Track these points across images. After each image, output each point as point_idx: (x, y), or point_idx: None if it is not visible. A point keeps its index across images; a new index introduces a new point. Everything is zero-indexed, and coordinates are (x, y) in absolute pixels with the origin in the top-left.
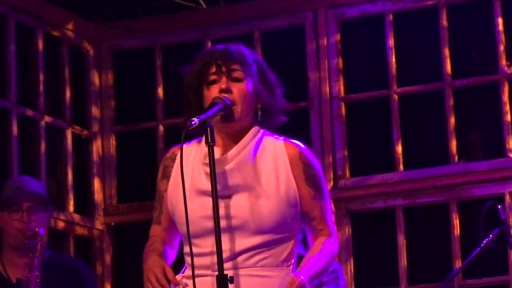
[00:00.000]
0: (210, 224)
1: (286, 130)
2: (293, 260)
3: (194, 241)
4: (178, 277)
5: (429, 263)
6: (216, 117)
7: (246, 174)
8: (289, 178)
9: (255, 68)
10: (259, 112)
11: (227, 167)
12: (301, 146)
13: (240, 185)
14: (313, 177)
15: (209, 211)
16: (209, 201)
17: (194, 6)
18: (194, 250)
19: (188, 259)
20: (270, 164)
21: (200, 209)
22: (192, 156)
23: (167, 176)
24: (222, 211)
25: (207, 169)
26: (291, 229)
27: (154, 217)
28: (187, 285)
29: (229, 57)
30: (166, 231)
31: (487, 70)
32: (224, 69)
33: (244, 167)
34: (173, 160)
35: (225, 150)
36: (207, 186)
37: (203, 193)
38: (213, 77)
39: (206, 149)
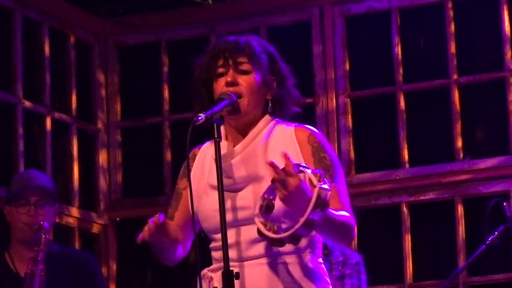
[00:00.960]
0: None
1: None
2: (317, 246)
3: (213, 236)
4: (204, 271)
5: (434, 260)
6: (224, 111)
7: (254, 165)
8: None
9: (265, 60)
10: (270, 104)
11: (233, 161)
12: (311, 129)
13: (247, 177)
14: (322, 159)
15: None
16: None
17: (200, 2)
18: (214, 244)
19: (213, 253)
20: (280, 151)
21: (213, 203)
22: (210, 153)
23: (186, 176)
24: (231, 205)
25: (224, 169)
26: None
27: (169, 213)
28: (212, 278)
29: (236, 49)
30: (178, 227)
31: (493, 67)
32: (231, 61)
33: (252, 159)
34: (193, 159)
35: (235, 143)
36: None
37: (215, 187)
38: (220, 70)
39: (225, 149)
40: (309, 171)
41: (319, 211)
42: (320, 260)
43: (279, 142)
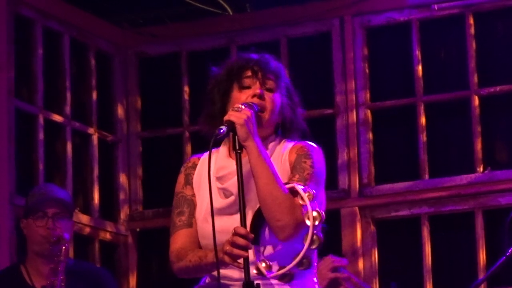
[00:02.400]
0: (226, 237)
1: (312, 137)
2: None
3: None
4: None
5: (454, 272)
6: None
7: (248, 189)
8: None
9: (283, 84)
10: (279, 128)
11: (234, 179)
12: (306, 143)
13: (246, 198)
14: (302, 163)
15: (225, 228)
16: (223, 219)
17: (220, 13)
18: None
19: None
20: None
21: (218, 226)
22: (206, 170)
23: (190, 183)
24: (228, 227)
25: (219, 184)
26: None
27: (182, 221)
28: None
29: (266, 66)
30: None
31: None
32: (260, 75)
33: (247, 182)
34: (194, 168)
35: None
36: (221, 203)
37: (219, 211)
38: (247, 81)
39: (221, 162)
40: (300, 187)
41: (315, 248)
42: (315, 279)
43: (275, 161)
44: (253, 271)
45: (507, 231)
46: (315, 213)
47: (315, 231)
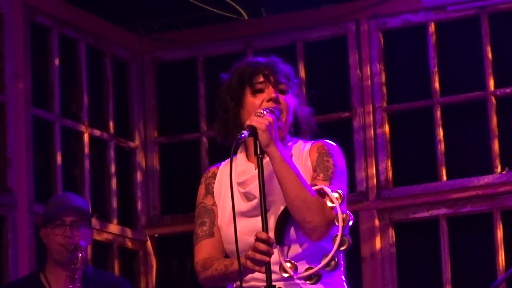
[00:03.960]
0: (252, 239)
1: (328, 139)
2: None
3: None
4: None
5: (472, 273)
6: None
7: (270, 191)
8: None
9: (295, 85)
10: (292, 128)
11: (249, 188)
12: (325, 141)
13: (268, 200)
14: (325, 162)
15: (251, 230)
16: (249, 221)
17: (236, 18)
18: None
19: None
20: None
21: (243, 227)
22: (226, 177)
23: (210, 192)
24: (252, 228)
25: (242, 189)
26: None
27: (204, 231)
28: None
29: (278, 69)
30: (219, 243)
31: None
32: (272, 79)
33: (269, 184)
34: (214, 178)
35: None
36: (245, 207)
37: (243, 214)
38: (259, 86)
39: (241, 167)
40: (329, 189)
41: (345, 249)
42: (343, 277)
43: (296, 162)
44: (278, 271)
45: None
46: (344, 215)
47: (344, 232)
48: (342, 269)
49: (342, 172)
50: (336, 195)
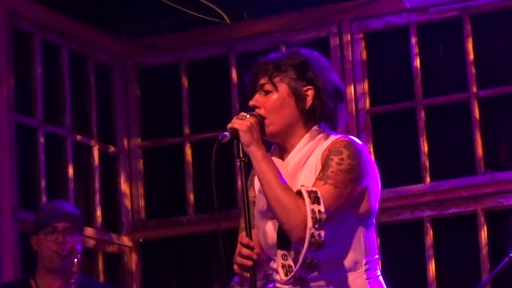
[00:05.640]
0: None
1: None
2: (365, 261)
3: (272, 257)
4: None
5: (457, 274)
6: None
7: (296, 183)
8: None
9: (290, 73)
10: (306, 115)
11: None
12: (342, 137)
13: None
14: (329, 160)
15: (268, 232)
16: (267, 223)
17: (218, 21)
18: (272, 265)
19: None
20: (312, 170)
21: (268, 229)
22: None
23: (252, 184)
24: (274, 230)
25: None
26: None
27: (242, 223)
28: None
29: (257, 72)
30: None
31: None
32: (254, 83)
33: (296, 176)
34: (254, 175)
35: (283, 158)
36: (262, 207)
37: (263, 214)
38: (249, 94)
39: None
40: (304, 190)
41: (315, 251)
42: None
43: (312, 161)
44: (277, 275)
45: (510, 233)
46: (314, 216)
47: (316, 233)
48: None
49: (348, 170)
50: (308, 195)
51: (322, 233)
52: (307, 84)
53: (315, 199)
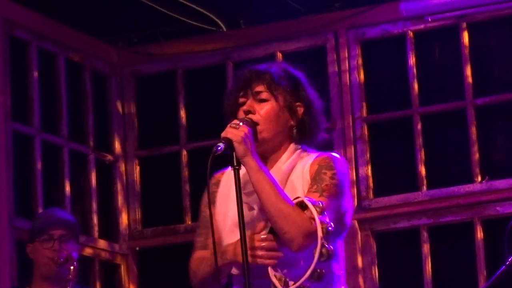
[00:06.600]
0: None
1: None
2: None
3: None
4: None
5: (454, 282)
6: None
7: None
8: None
9: (287, 86)
10: (294, 130)
11: (251, 198)
12: (330, 154)
13: None
14: (321, 174)
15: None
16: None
17: (214, 30)
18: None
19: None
20: (298, 183)
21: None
22: (233, 183)
23: (212, 202)
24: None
25: (246, 199)
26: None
27: (199, 242)
28: None
29: (255, 78)
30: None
31: (509, 87)
32: (249, 91)
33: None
34: (217, 185)
35: None
36: (245, 217)
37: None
38: (241, 100)
39: (245, 177)
40: (309, 201)
41: (325, 261)
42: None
43: (298, 174)
44: (271, 287)
45: (507, 240)
46: (323, 225)
47: (325, 244)
48: (341, 280)
49: (340, 185)
50: (315, 207)
51: (330, 244)
52: (298, 101)
53: (322, 210)
